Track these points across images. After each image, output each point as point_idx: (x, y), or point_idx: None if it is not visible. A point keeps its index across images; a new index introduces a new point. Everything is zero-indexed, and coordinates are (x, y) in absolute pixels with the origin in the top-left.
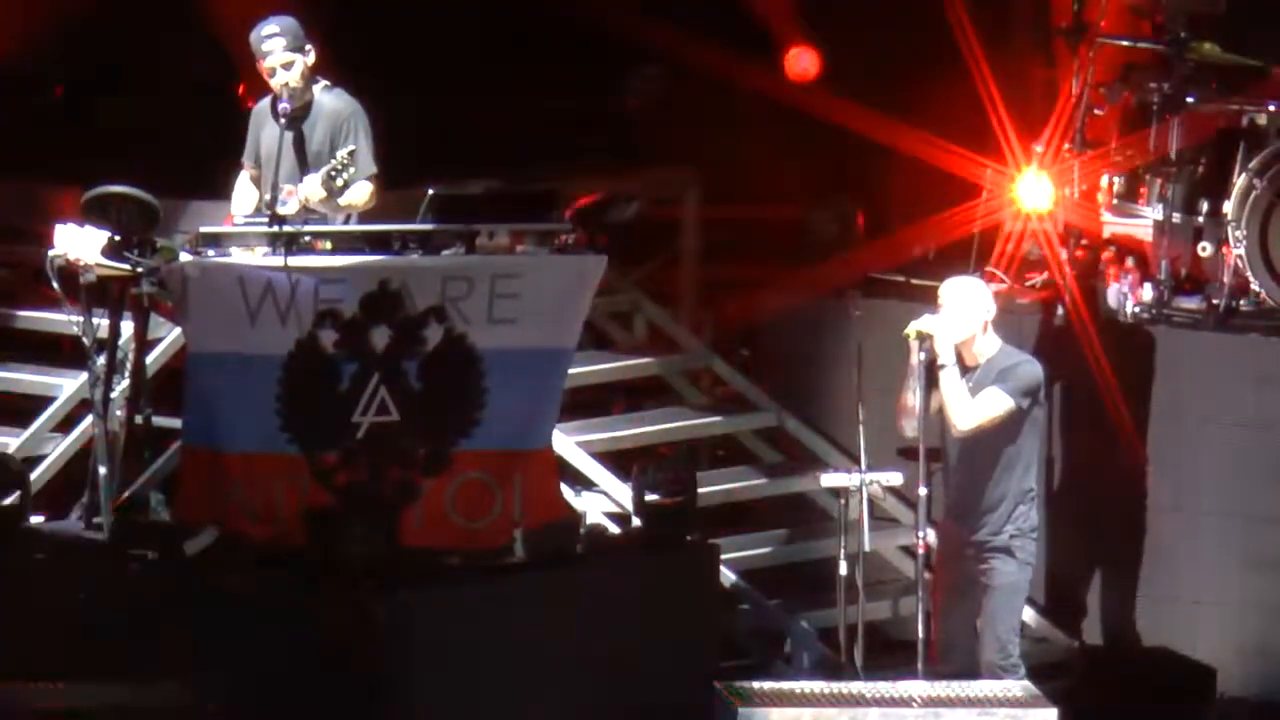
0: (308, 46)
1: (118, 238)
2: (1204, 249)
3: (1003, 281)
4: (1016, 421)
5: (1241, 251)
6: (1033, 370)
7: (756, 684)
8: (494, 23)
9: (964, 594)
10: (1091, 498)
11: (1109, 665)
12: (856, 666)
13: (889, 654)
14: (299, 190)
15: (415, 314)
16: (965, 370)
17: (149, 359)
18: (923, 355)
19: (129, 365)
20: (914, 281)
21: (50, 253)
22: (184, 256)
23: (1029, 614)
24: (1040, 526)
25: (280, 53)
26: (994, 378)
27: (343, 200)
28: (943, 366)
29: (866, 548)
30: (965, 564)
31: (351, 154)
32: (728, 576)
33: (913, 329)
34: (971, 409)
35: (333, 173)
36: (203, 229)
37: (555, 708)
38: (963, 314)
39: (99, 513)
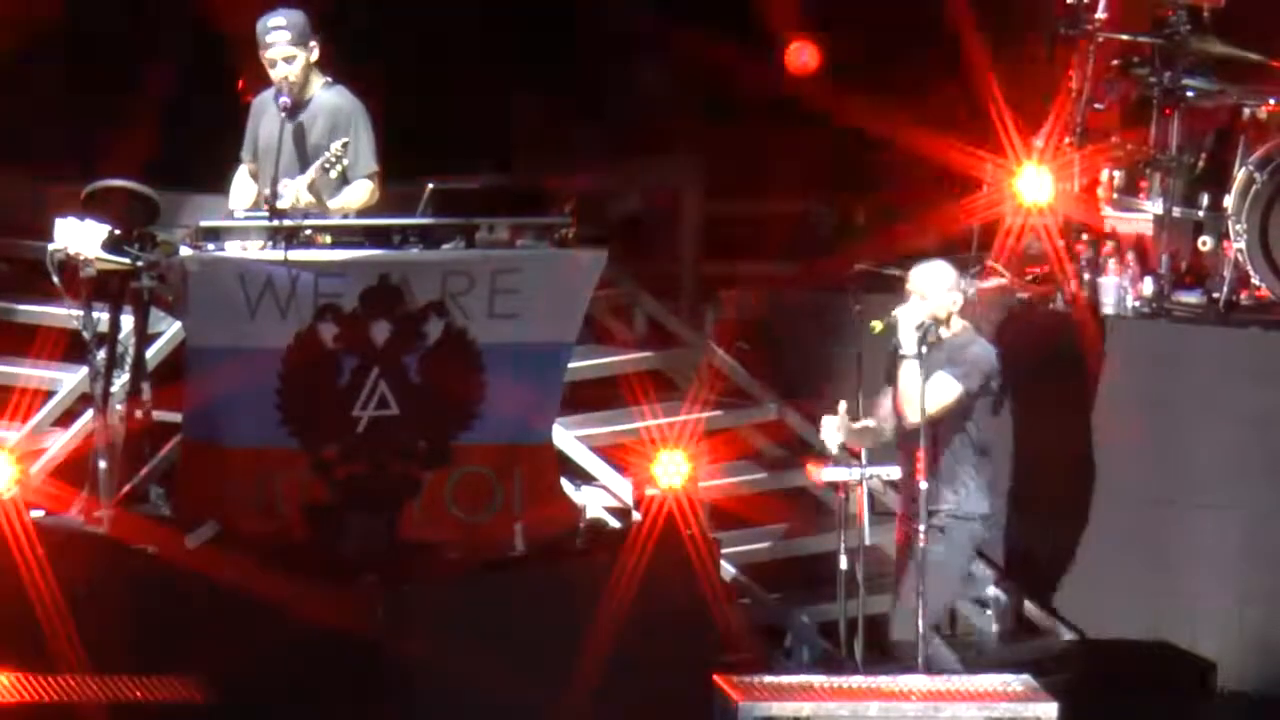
0: (312, 42)
1: (118, 232)
2: (1204, 243)
3: (1002, 275)
4: (965, 406)
5: (1242, 246)
6: (982, 353)
7: (756, 678)
8: (491, 16)
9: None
10: (1091, 492)
11: (1109, 659)
12: (856, 661)
13: (889, 648)
14: (290, 187)
15: (415, 309)
16: None
17: (149, 353)
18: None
19: (129, 360)
20: None
21: (50, 247)
22: (184, 251)
23: (1030, 608)
24: (1039, 520)
25: (283, 45)
26: (944, 359)
27: (339, 200)
28: (903, 357)
29: (867, 542)
30: (912, 543)
31: (345, 146)
32: (728, 571)
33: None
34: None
35: (326, 165)
36: (202, 223)
37: (555, 701)
38: (928, 299)
39: (99, 507)
